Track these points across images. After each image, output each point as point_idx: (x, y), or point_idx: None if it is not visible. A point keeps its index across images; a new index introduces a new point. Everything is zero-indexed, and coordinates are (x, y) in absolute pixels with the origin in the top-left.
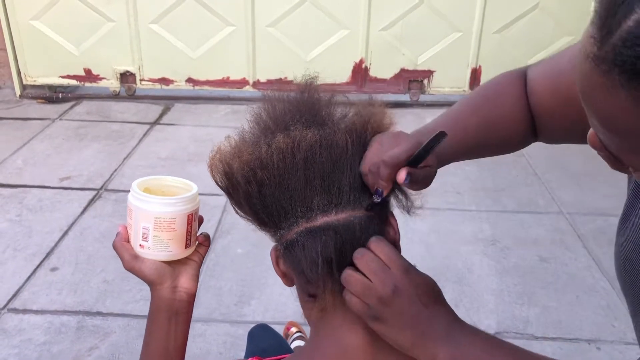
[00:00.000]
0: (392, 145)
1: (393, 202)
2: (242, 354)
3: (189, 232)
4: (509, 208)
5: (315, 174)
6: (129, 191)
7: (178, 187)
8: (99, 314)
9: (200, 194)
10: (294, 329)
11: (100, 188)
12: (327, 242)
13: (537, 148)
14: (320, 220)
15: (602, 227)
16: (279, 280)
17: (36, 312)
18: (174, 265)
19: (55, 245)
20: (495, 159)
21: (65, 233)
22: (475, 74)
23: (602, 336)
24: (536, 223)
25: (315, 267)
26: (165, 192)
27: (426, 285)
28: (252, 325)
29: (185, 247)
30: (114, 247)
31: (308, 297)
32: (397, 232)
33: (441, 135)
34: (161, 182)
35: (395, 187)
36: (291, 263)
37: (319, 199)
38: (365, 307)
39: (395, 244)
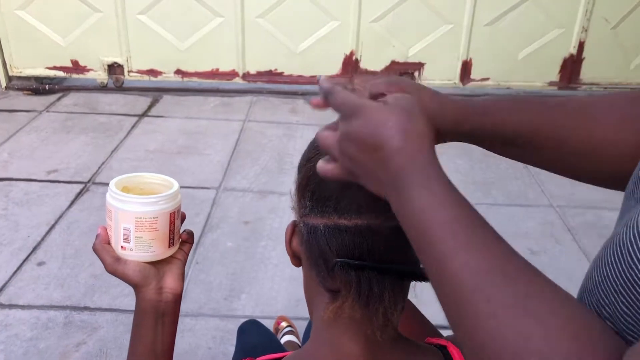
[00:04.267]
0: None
1: None
2: (231, 348)
3: (171, 231)
4: (499, 201)
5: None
6: None
7: (158, 183)
8: (86, 308)
9: (189, 188)
10: (284, 324)
11: (88, 181)
12: (353, 243)
13: None
14: (354, 221)
15: (592, 221)
16: (269, 275)
17: (23, 307)
18: (158, 265)
19: (42, 239)
20: (485, 152)
21: (52, 227)
22: (466, 67)
23: None
24: (526, 216)
25: (336, 266)
26: (144, 190)
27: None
28: (242, 320)
29: (169, 247)
30: (94, 250)
31: (327, 291)
32: None
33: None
34: (140, 179)
35: None
36: (309, 248)
37: (361, 199)
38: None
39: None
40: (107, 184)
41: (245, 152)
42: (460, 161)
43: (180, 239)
